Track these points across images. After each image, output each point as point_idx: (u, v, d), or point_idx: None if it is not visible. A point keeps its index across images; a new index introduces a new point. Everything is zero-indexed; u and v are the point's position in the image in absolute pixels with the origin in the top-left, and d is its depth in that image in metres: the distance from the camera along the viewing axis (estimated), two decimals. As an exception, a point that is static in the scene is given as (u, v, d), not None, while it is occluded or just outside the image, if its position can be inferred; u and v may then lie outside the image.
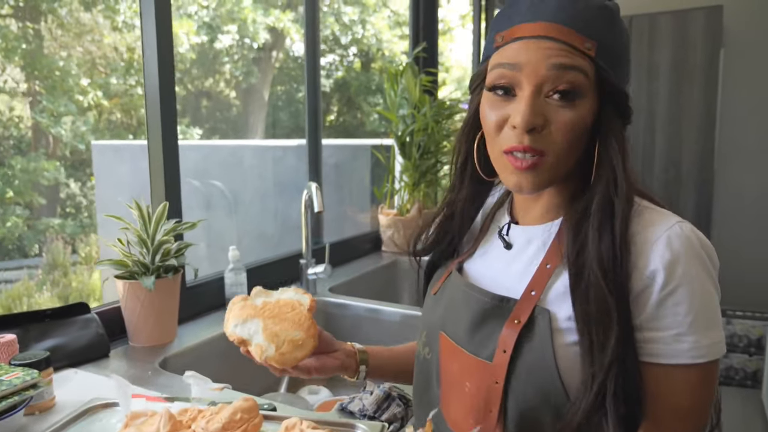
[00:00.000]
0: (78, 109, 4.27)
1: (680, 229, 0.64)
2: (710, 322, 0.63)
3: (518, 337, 0.65)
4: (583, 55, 0.63)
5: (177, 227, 1.27)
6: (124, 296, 1.22)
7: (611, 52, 0.65)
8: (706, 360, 0.62)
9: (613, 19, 0.66)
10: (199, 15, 4.71)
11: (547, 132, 0.64)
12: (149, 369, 1.11)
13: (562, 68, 0.62)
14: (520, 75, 0.64)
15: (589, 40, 0.63)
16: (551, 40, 0.63)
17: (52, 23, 4.33)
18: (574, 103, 0.63)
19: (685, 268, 0.62)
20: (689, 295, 0.62)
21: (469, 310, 0.72)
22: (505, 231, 0.77)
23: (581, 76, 0.63)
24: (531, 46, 0.64)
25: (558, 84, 0.63)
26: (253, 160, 3.16)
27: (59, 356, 1.10)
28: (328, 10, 5.67)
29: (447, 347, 0.75)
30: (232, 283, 1.47)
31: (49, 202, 4.48)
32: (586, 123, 0.65)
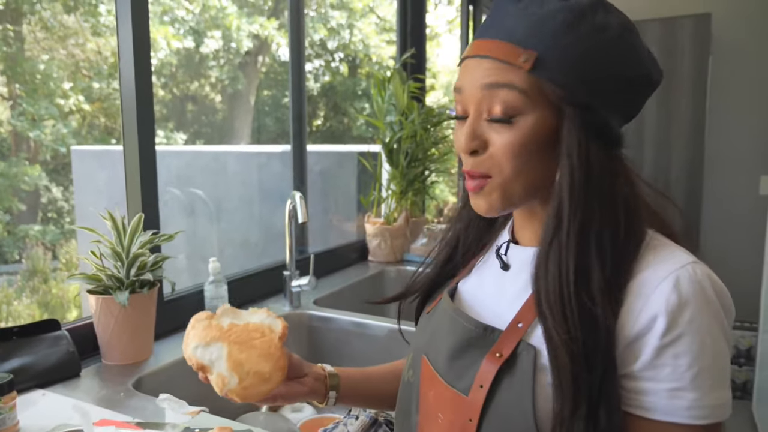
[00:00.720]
0: (60, 113, 4.19)
1: (692, 270, 0.57)
2: (716, 381, 0.55)
3: (498, 373, 0.60)
4: (518, 70, 0.58)
5: (153, 239, 1.22)
6: (97, 312, 1.16)
7: (563, 61, 0.57)
8: (707, 422, 0.55)
9: (575, 22, 0.57)
10: (185, 19, 4.66)
11: (489, 155, 0.61)
12: (122, 390, 1.05)
13: (492, 87, 0.59)
14: (465, 99, 0.62)
15: (526, 51, 0.58)
16: (486, 58, 0.60)
17: (35, 26, 4.25)
18: (512, 123, 0.59)
19: (693, 315, 0.55)
20: (694, 346, 0.55)
21: (452, 336, 0.67)
22: (503, 250, 0.72)
23: (514, 94, 0.58)
24: (470, 67, 0.62)
25: (492, 104, 0.60)
26: (237, 167, 3.11)
27: (26, 377, 1.04)
28: (316, 15, 5.64)
29: (427, 373, 0.70)
30: (213, 297, 1.42)
31: (29, 208, 4.39)
32: (534, 140, 0.59)
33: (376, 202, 2.20)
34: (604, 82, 0.59)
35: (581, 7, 0.58)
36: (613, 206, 0.59)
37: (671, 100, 3.00)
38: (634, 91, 0.62)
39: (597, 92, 0.59)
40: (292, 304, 1.55)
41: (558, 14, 0.58)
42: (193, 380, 1.22)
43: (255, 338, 0.72)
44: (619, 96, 0.60)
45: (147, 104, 1.29)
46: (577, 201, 0.58)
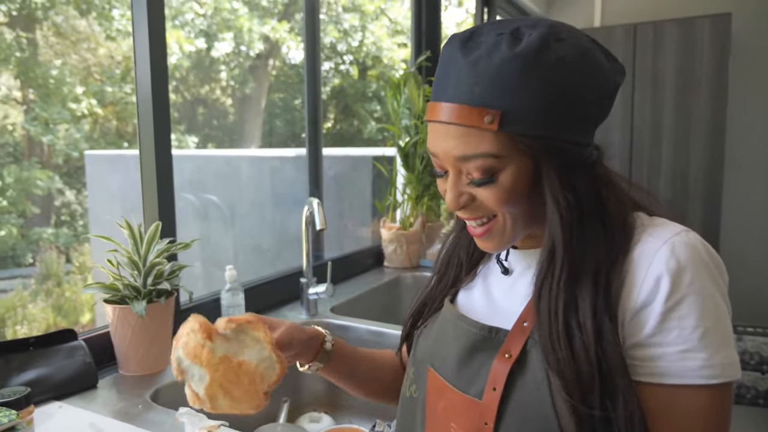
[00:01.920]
0: (72, 117, 4.21)
1: (686, 237, 0.59)
2: (723, 339, 0.57)
3: (510, 373, 0.60)
4: (486, 133, 0.57)
5: (170, 248, 1.20)
6: (114, 322, 1.15)
7: (529, 109, 0.57)
8: (719, 381, 0.56)
9: (524, 70, 0.56)
10: (195, 23, 4.67)
11: (479, 204, 0.63)
12: (140, 402, 1.04)
13: (465, 159, 0.59)
14: (442, 162, 0.63)
15: (490, 111, 0.56)
16: (450, 124, 0.59)
17: (48, 30, 4.28)
18: (492, 181, 0.60)
19: (693, 277, 0.57)
20: (698, 306, 0.56)
21: (458, 342, 0.67)
22: (503, 255, 0.72)
23: (487, 161, 0.59)
24: (438, 133, 0.61)
25: (469, 172, 0.61)
26: (250, 171, 3.09)
27: (43, 388, 1.03)
28: (327, 18, 5.63)
29: (434, 383, 0.69)
30: (229, 305, 1.40)
31: (43, 212, 4.42)
32: (518, 187, 0.60)
33: (392, 207, 2.17)
34: (572, 114, 0.59)
35: (532, 49, 0.56)
36: (605, 230, 0.61)
37: (690, 100, 2.95)
38: (602, 105, 0.62)
39: (567, 127, 0.59)
40: (309, 312, 1.53)
41: (511, 64, 0.56)
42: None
43: (242, 383, 0.67)
44: (588, 117, 0.61)
45: (163, 111, 1.28)
46: (569, 239, 0.60)
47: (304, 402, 1.47)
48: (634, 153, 3.09)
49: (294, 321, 0.81)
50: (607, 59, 0.62)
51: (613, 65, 0.62)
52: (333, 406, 1.48)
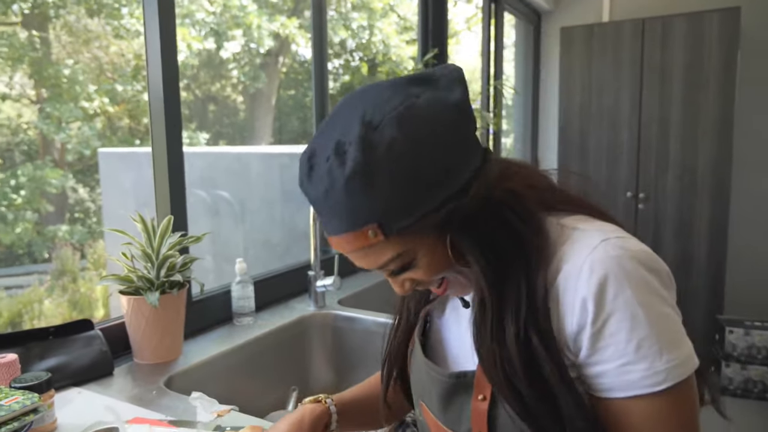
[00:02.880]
0: (84, 116, 4.27)
1: (603, 250, 0.58)
2: (664, 344, 0.56)
3: (488, 414, 0.62)
4: (378, 243, 0.60)
5: (182, 241, 1.24)
6: (128, 312, 1.19)
7: (394, 207, 0.58)
8: (665, 386, 0.56)
9: (365, 184, 0.56)
10: (206, 21, 4.71)
11: (422, 281, 0.66)
12: (154, 388, 1.08)
13: (381, 269, 0.64)
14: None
15: (368, 226, 0.58)
16: (348, 251, 0.62)
17: (61, 30, 4.34)
18: (413, 267, 0.63)
19: (616, 291, 0.56)
20: (626, 319, 0.56)
21: (434, 388, 0.70)
22: None
23: (397, 261, 0.62)
24: (350, 257, 0.64)
25: (389, 270, 0.64)
26: (260, 167, 3.13)
27: (62, 375, 1.07)
28: (336, 16, 5.65)
29: (428, 417, 0.73)
30: (239, 297, 1.44)
31: (57, 209, 4.49)
32: (438, 261, 0.63)
33: (399, 202, 2.20)
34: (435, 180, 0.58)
35: (360, 158, 0.56)
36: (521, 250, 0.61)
37: (698, 96, 2.95)
38: (460, 134, 0.60)
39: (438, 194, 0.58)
40: (317, 304, 1.56)
41: (352, 184, 0.56)
42: (222, 379, 1.25)
43: None
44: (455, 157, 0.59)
45: (174, 108, 1.31)
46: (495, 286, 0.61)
47: (312, 390, 1.50)
48: (641, 148, 3.09)
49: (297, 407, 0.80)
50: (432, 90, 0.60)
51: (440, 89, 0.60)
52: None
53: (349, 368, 1.53)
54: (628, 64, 3.09)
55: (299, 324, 1.50)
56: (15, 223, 4.07)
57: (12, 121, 4.28)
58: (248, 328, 1.40)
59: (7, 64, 4.03)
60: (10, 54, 4.02)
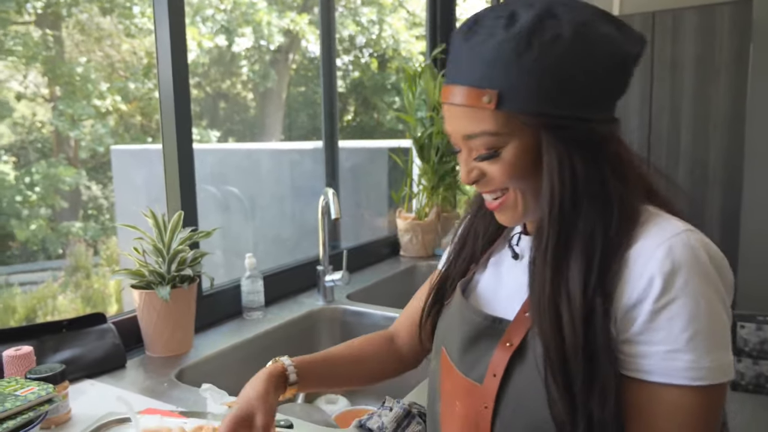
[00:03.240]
0: (97, 114, 4.31)
1: (686, 238, 0.58)
2: (714, 343, 0.56)
3: (510, 361, 0.63)
4: (485, 112, 0.61)
5: (192, 236, 1.26)
6: (140, 306, 1.21)
7: (524, 88, 0.59)
8: (704, 383, 0.56)
9: (518, 50, 0.58)
10: (216, 18, 4.73)
11: (490, 179, 0.65)
12: (165, 381, 1.10)
13: (469, 138, 0.63)
14: (454, 140, 0.67)
15: (487, 91, 0.60)
16: (456, 105, 0.63)
17: (73, 29, 4.39)
18: (497, 156, 0.63)
19: (687, 279, 0.56)
20: (689, 309, 0.56)
21: (463, 328, 0.70)
22: (515, 241, 0.74)
23: (488, 138, 0.62)
24: (448, 114, 0.65)
25: (474, 150, 0.65)
26: (270, 164, 3.15)
27: (76, 367, 1.09)
28: (346, 11, 5.65)
29: (444, 362, 0.73)
30: (249, 291, 1.45)
31: (71, 206, 4.55)
32: (522, 162, 0.62)
33: (407, 198, 2.21)
34: (573, 90, 0.59)
35: (526, 29, 0.58)
36: (605, 207, 0.61)
37: (709, 88, 2.92)
38: (611, 78, 0.62)
39: (567, 103, 0.60)
40: (325, 299, 1.57)
41: (505, 45, 0.58)
42: (232, 372, 1.26)
43: None
44: (595, 91, 0.61)
45: (185, 105, 1.33)
46: (556, 218, 0.61)
47: (322, 385, 1.52)
48: (652, 141, 3.07)
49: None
50: (618, 30, 0.61)
51: (626, 35, 0.62)
52: (349, 389, 1.53)
53: (357, 362, 1.54)
54: (639, 57, 3.06)
55: (308, 318, 1.51)
56: (29, 220, 4.13)
57: (26, 119, 4.33)
58: (258, 322, 1.42)
59: (21, 62, 4.08)
60: (24, 53, 4.06)
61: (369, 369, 0.91)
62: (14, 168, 4.07)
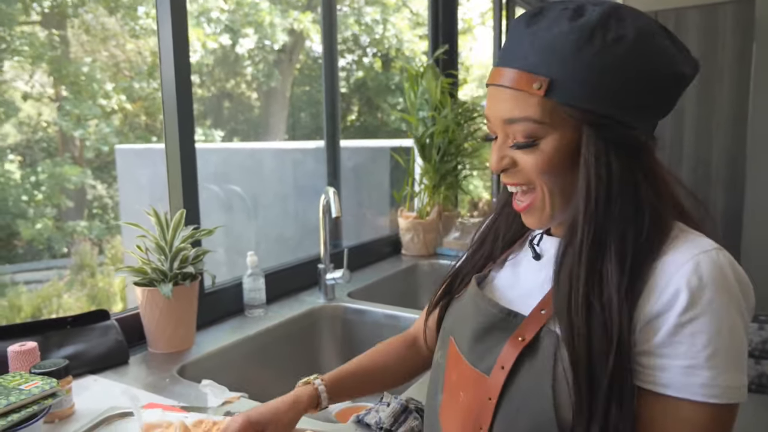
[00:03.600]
0: (102, 113, 4.34)
1: (716, 255, 0.59)
2: (732, 363, 0.57)
3: (519, 356, 0.63)
4: (533, 98, 0.61)
5: (194, 234, 1.27)
6: (143, 303, 1.23)
7: (577, 80, 0.59)
8: (719, 401, 0.56)
9: (578, 43, 0.59)
10: (220, 18, 4.75)
11: (520, 170, 0.65)
12: (167, 376, 1.11)
13: (510, 122, 0.63)
14: (492, 125, 0.67)
15: (539, 78, 0.60)
16: (503, 87, 0.63)
17: (79, 29, 4.41)
18: (535, 146, 0.62)
19: (712, 296, 0.57)
20: (712, 326, 0.56)
21: (476, 319, 0.70)
22: (537, 240, 0.74)
23: (530, 125, 0.62)
24: (492, 96, 0.65)
25: (513, 136, 0.64)
26: (273, 163, 3.17)
27: (79, 363, 1.11)
28: (349, 11, 5.66)
29: (452, 353, 0.73)
30: (251, 289, 1.47)
31: (76, 205, 4.57)
32: (560, 156, 0.62)
33: (409, 197, 2.22)
34: (624, 94, 0.60)
35: (591, 25, 0.59)
36: (636, 213, 0.61)
37: (713, 88, 2.92)
38: (662, 92, 0.62)
39: (616, 104, 0.60)
40: (326, 297, 1.59)
41: (568, 36, 0.59)
42: (233, 368, 1.28)
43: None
44: (644, 101, 0.61)
45: (187, 104, 1.34)
46: (592, 215, 0.60)
47: (323, 382, 1.53)
48: (654, 141, 3.07)
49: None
50: (676, 47, 0.62)
51: (683, 54, 0.62)
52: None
53: (358, 359, 1.56)
54: (641, 57, 3.07)
55: (309, 316, 1.53)
56: (35, 219, 4.15)
57: (32, 119, 4.36)
58: (259, 319, 1.44)
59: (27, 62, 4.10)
60: (30, 53, 4.09)
61: (395, 374, 0.92)
62: (20, 167, 4.09)
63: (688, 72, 0.63)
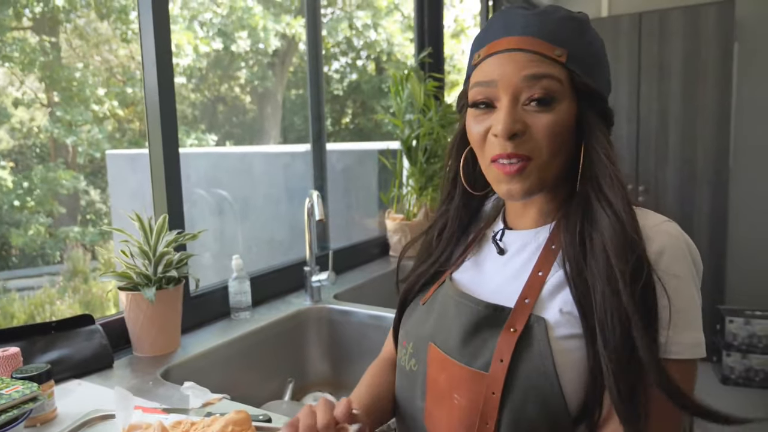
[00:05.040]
0: (94, 119, 4.34)
1: (668, 226, 0.66)
2: (691, 321, 0.62)
3: (516, 346, 0.64)
4: (554, 63, 0.66)
5: (178, 238, 1.28)
6: (127, 307, 1.24)
7: (583, 59, 0.68)
8: (681, 357, 0.62)
9: (582, 29, 0.69)
10: (213, 22, 4.76)
11: (529, 137, 0.66)
12: (151, 379, 1.12)
13: (534, 78, 0.65)
14: (496, 90, 0.67)
15: (559, 47, 0.66)
16: (522, 51, 0.66)
17: (71, 34, 4.41)
18: (551, 107, 0.66)
19: (669, 262, 0.63)
20: (670, 290, 0.62)
21: (461, 319, 0.70)
22: (499, 236, 0.76)
23: (555, 83, 0.66)
24: (504, 60, 0.67)
25: (533, 92, 0.66)
26: (263, 167, 3.18)
27: (64, 367, 1.12)
28: (342, 14, 5.68)
29: (435, 358, 0.73)
30: (236, 292, 1.48)
31: (69, 211, 4.57)
32: (567, 125, 0.67)
33: (396, 199, 2.24)
34: (604, 75, 0.71)
35: (584, 18, 0.70)
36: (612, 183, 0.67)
37: (696, 89, 2.95)
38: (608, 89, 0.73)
39: (603, 86, 0.70)
40: (312, 299, 1.60)
41: (571, 20, 0.68)
42: (218, 371, 1.29)
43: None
44: (608, 91, 0.72)
45: (170, 108, 1.36)
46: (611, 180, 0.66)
47: (309, 382, 1.55)
48: (641, 142, 3.10)
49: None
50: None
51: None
52: (337, 386, 1.56)
53: (344, 360, 1.57)
54: (626, 57, 3.10)
55: (295, 318, 1.54)
56: (27, 225, 4.15)
57: (24, 125, 4.36)
58: (245, 322, 1.45)
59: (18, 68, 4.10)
60: (21, 59, 4.09)
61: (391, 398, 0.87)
62: (11, 173, 4.09)
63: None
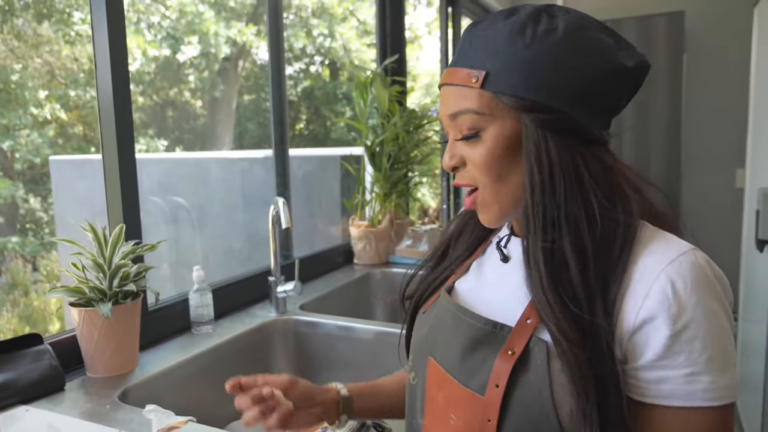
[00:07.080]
0: (35, 123, 4.12)
1: (693, 256, 0.58)
2: (727, 362, 0.57)
3: (512, 371, 0.60)
4: (472, 90, 0.64)
5: (136, 249, 1.20)
6: (80, 324, 1.15)
7: (512, 70, 0.61)
8: (722, 403, 0.56)
9: (510, 35, 0.62)
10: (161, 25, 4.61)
11: (468, 168, 0.67)
12: (108, 402, 1.04)
13: (452, 117, 0.65)
14: (444, 126, 0.69)
15: (477, 70, 0.63)
16: (449, 86, 0.66)
17: (8, 34, 4.18)
18: (479, 137, 0.64)
19: (699, 298, 0.56)
20: (704, 329, 0.56)
21: (460, 335, 0.66)
22: (503, 243, 0.72)
23: (471, 116, 0.64)
24: (442, 97, 0.68)
25: (456, 131, 0.66)
26: (219, 173, 3.08)
27: (9, 393, 1.02)
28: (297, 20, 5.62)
29: (435, 374, 0.69)
30: (197, 305, 1.41)
31: (7, 220, 4.31)
32: (503, 147, 0.63)
33: (360, 205, 2.20)
34: (559, 84, 0.61)
35: (522, 20, 0.62)
36: (584, 201, 0.61)
37: (648, 97, 3.05)
38: (601, 85, 0.63)
39: (552, 95, 0.61)
40: (278, 310, 1.54)
41: (501, 31, 0.63)
42: (180, 390, 1.22)
43: None
44: (583, 92, 0.62)
45: (125, 113, 1.28)
46: (539, 202, 0.61)
47: (275, 399, 1.48)
48: (596, 148, 3.18)
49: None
50: (615, 41, 0.64)
51: (621, 47, 0.64)
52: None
53: (312, 372, 1.52)
54: (582, 66, 3.18)
55: (260, 330, 1.48)
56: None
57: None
58: (207, 336, 1.38)
59: (-51, 69, 3.85)
60: (-48, 59, 3.85)
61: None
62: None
63: (629, 63, 0.63)
